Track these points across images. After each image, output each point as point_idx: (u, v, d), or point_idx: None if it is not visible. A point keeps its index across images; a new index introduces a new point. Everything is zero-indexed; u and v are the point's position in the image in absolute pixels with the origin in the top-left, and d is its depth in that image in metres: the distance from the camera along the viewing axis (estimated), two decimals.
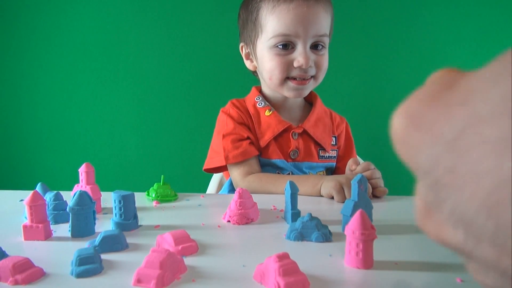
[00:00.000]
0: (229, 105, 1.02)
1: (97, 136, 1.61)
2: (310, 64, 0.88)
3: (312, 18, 0.87)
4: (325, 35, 0.90)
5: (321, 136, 0.97)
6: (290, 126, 0.95)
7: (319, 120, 0.99)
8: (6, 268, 0.46)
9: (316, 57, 0.90)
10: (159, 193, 0.79)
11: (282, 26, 0.88)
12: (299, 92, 0.93)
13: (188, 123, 1.58)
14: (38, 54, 1.57)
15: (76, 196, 0.60)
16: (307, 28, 0.87)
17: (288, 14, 0.87)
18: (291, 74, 0.90)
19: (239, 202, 0.66)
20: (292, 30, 0.87)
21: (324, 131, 0.98)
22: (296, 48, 0.89)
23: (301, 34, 0.87)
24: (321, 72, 0.92)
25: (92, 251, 0.50)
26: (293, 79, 0.91)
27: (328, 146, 0.98)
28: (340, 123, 1.03)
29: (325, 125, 1.00)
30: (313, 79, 0.93)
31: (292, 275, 0.43)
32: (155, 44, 1.53)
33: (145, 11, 1.52)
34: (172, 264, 0.47)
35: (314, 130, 0.96)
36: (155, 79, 1.55)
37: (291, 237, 0.59)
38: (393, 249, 0.55)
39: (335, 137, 1.02)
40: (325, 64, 0.93)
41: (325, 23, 0.89)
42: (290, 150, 0.95)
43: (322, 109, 1.02)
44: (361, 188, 0.62)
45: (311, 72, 0.91)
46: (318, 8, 0.87)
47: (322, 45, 0.90)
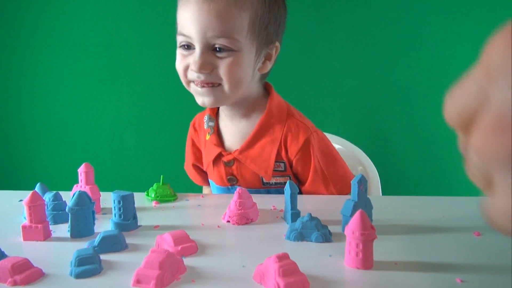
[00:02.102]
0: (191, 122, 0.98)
1: (97, 136, 1.61)
2: (204, 70, 0.76)
3: (206, 18, 0.73)
4: (227, 36, 0.74)
5: (258, 162, 0.82)
6: (221, 153, 0.85)
7: (262, 137, 0.83)
8: (5, 269, 0.46)
9: (218, 61, 0.76)
10: (159, 193, 0.79)
11: (180, 24, 0.78)
12: (203, 100, 0.80)
13: (188, 123, 1.57)
14: (38, 54, 1.57)
15: (75, 196, 0.60)
16: (198, 30, 0.74)
17: (184, 11, 0.76)
18: (190, 77, 0.79)
19: (239, 202, 0.66)
20: (186, 29, 0.76)
21: (263, 153, 0.82)
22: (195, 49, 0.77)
23: (193, 35, 0.75)
24: (230, 79, 0.76)
25: (91, 251, 0.49)
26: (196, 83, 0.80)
27: (267, 175, 0.82)
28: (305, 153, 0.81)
29: (268, 143, 0.82)
30: (220, 89, 0.78)
31: (292, 275, 0.43)
32: (155, 44, 1.53)
33: (145, 11, 1.51)
34: (171, 265, 0.46)
35: (249, 156, 0.82)
36: (155, 79, 1.55)
37: (291, 237, 0.59)
38: (393, 249, 0.55)
39: (283, 163, 0.83)
40: (234, 70, 0.76)
41: (228, 22, 0.73)
42: (227, 176, 0.86)
43: (270, 120, 0.83)
44: (361, 188, 0.62)
45: (212, 79, 0.77)
46: (215, 5, 0.72)
47: (226, 48, 0.75)
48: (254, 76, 0.82)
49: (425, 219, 0.67)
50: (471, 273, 0.48)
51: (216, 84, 0.78)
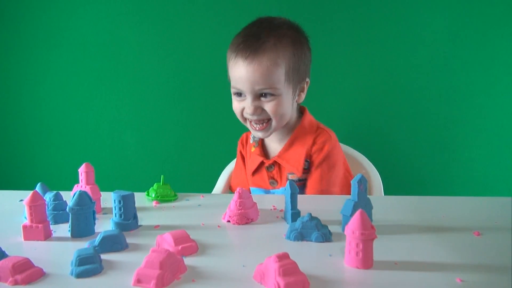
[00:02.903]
0: (240, 139, 1.17)
1: (97, 136, 1.61)
2: (256, 113, 0.96)
3: (250, 77, 0.93)
4: (270, 87, 0.94)
5: (292, 162, 1.01)
6: (262, 161, 1.04)
7: (295, 143, 1.02)
8: (5, 268, 0.46)
9: (266, 104, 0.96)
10: (159, 193, 0.79)
11: (233, 79, 0.98)
12: (259, 134, 1.01)
13: (188, 123, 1.57)
14: (38, 54, 1.57)
15: (76, 196, 0.60)
16: (246, 86, 0.94)
17: (232, 70, 0.97)
18: (246, 116, 0.99)
19: (239, 202, 0.66)
20: (238, 84, 0.96)
21: (295, 155, 1.01)
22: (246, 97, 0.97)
23: (243, 88, 0.96)
24: (276, 116, 0.97)
25: (92, 251, 0.49)
26: (251, 122, 1.00)
27: (298, 171, 1.00)
28: (320, 147, 1.01)
29: (300, 147, 1.01)
30: (269, 124, 0.99)
31: (292, 275, 0.43)
32: (155, 44, 1.53)
33: (145, 11, 1.51)
34: (172, 264, 0.46)
35: (285, 158, 1.02)
36: (155, 79, 1.55)
37: (291, 237, 0.59)
38: (393, 249, 0.55)
39: (308, 161, 1.01)
40: (278, 109, 0.96)
41: (267, 77, 0.93)
42: (268, 180, 1.05)
43: (303, 130, 1.03)
44: (361, 188, 0.62)
45: (264, 117, 0.97)
46: (256, 66, 0.93)
47: (270, 93, 0.95)
48: (293, 106, 1.03)
49: (425, 219, 0.67)
50: (471, 273, 0.48)
51: (266, 120, 0.99)
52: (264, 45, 0.94)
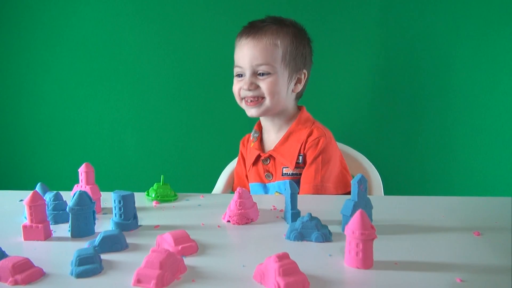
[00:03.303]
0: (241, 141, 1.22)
1: (97, 136, 1.61)
2: (250, 88, 1.05)
3: (249, 53, 1.05)
4: (264, 64, 1.04)
5: (286, 155, 1.06)
6: (259, 154, 1.11)
7: (290, 138, 1.08)
8: (5, 268, 0.46)
9: (261, 82, 1.06)
10: (159, 193, 0.79)
11: (236, 59, 1.10)
12: (251, 112, 1.09)
13: (188, 123, 1.57)
14: (38, 54, 1.57)
15: (75, 196, 0.60)
16: (245, 61, 1.06)
17: (238, 49, 1.09)
18: (242, 94, 1.09)
19: (239, 202, 0.66)
20: (240, 62, 1.08)
21: (290, 149, 1.06)
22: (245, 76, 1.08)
23: (243, 65, 1.07)
24: (270, 94, 1.05)
25: (92, 251, 0.49)
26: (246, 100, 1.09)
27: (291, 164, 1.05)
28: (315, 143, 1.05)
29: (294, 142, 1.07)
30: (263, 101, 1.07)
31: (292, 275, 0.43)
32: (155, 44, 1.53)
33: (145, 11, 1.51)
34: (172, 264, 0.46)
35: (280, 151, 1.08)
36: (155, 79, 1.55)
37: (291, 237, 0.59)
38: (393, 249, 0.55)
39: (302, 155, 1.05)
40: (272, 86, 1.05)
41: (265, 54, 1.04)
42: (264, 174, 1.10)
43: (299, 125, 1.09)
44: (361, 188, 0.62)
45: (257, 94, 1.06)
46: (256, 43, 1.05)
47: (265, 73, 1.05)
48: (289, 94, 1.09)
49: (425, 219, 0.67)
50: (471, 273, 0.48)
51: (260, 98, 1.07)
52: (266, 28, 1.07)
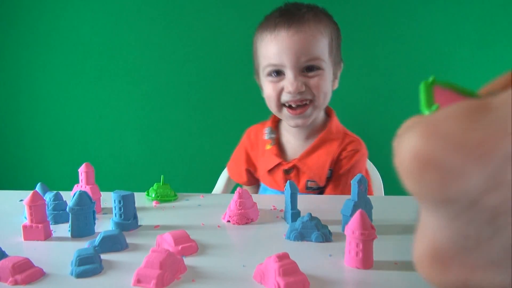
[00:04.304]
0: (247, 132, 1.09)
1: (97, 136, 1.61)
2: (300, 89, 0.87)
3: (295, 46, 0.86)
4: (315, 58, 0.88)
5: (314, 168, 0.93)
6: (281, 163, 0.96)
7: (319, 149, 0.95)
8: (5, 268, 0.46)
9: (309, 80, 0.88)
10: (159, 193, 0.79)
11: (269, 56, 0.90)
12: (297, 122, 0.92)
13: (188, 123, 1.57)
14: (38, 54, 1.57)
15: (75, 196, 0.60)
16: (291, 56, 0.87)
17: (271, 44, 0.89)
18: (284, 99, 0.90)
19: (239, 202, 0.66)
20: (277, 59, 0.88)
21: (319, 162, 0.94)
22: (286, 74, 0.89)
23: (286, 62, 0.88)
24: (319, 94, 0.89)
25: (92, 251, 0.49)
26: (289, 107, 0.91)
27: (320, 180, 0.93)
28: (349, 155, 0.94)
29: (324, 154, 0.94)
30: (311, 106, 0.91)
31: (292, 275, 0.43)
32: (155, 44, 1.53)
33: (145, 11, 1.51)
34: (172, 264, 0.47)
35: (307, 163, 0.94)
36: (155, 79, 1.55)
37: (291, 237, 0.59)
38: (393, 249, 0.55)
39: (331, 170, 0.95)
40: (322, 85, 0.89)
41: (313, 47, 0.87)
42: (284, 183, 0.95)
43: (330, 135, 0.96)
44: (361, 188, 0.62)
45: (305, 96, 0.89)
46: (302, 34, 0.87)
47: (317, 67, 0.89)
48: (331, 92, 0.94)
49: None
50: None
51: (307, 101, 0.90)
52: (307, 15, 0.89)
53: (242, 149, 1.10)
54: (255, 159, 1.06)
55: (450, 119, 0.15)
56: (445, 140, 0.15)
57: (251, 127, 1.10)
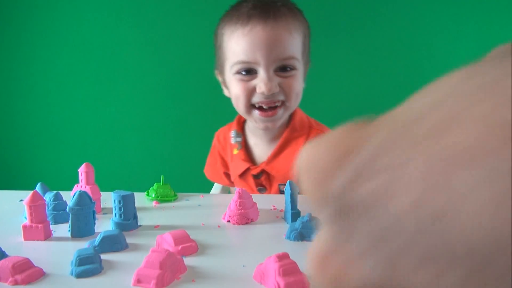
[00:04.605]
0: (216, 135, 1.04)
1: (97, 136, 1.61)
2: (273, 90, 0.81)
3: (271, 42, 0.79)
4: (291, 57, 0.81)
5: (283, 171, 0.88)
6: (249, 168, 0.91)
7: (286, 149, 0.89)
8: (5, 268, 0.46)
9: (283, 80, 0.82)
10: (159, 193, 0.79)
11: (241, 52, 0.81)
12: (267, 124, 0.86)
13: (188, 123, 1.58)
14: (38, 54, 1.57)
15: (75, 196, 0.60)
16: (266, 53, 0.79)
17: (244, 39, 0.80)
18: (255, 99, 0.84)
19: (239, 202, 0.66)
20: (250, 56, 0.80)
21: (287, 164, 0.88)
22: (258, 73, 0.82)
23: (260, 60, 0.80)
24: (291, 96, 0.83)
25: (92, 251, 0.49)
26: (260, 108, 0.84)
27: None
28: None
29: (291, 154, 0.89)
30: (283, 107, 0.85)
31: (292, 275, 0.43)
32: (155, 44, 1.53)
33: (145, 11, 1.52)
34: (172, 264, 0.46)
35: (275, 167, 0.89)
36: (155, 79, 1.55)
37: (291, 237, 0.59)
38: None
39: None
40: (296, 86, 0.84)
41: (289, 45, 0.81)
42: (257, 187, 0.92)
43: (294, 131, 0.90)
44: None
45: (278, 97, 0.83)
46: (279, 30, 0.79)
47: (290, 67, 0.82)
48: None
49: None
50: None
51: (279, 103, 0.83)
52: (282, 9, 0.81)
53: (215, 153, 1.05)
54: (229, 162, 1.02)
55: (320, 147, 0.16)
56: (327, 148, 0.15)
57: (219, 130, 1.04)
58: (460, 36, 1.43)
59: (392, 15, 1.44)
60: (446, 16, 1.43)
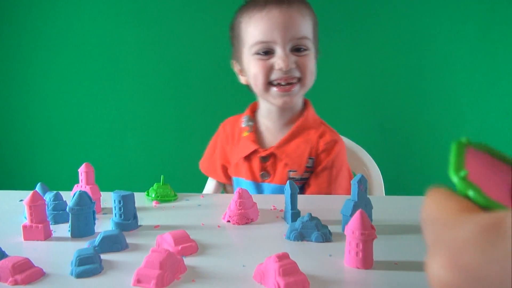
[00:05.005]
0: (221, 125, 1.09)
1: (97, 136, 1.61)
2: (291, 66, 0.88)
3: (286, 22, 0.88)
4: (305, 37, 0.90)
5: (293, 156, 0.93)
6: (257, 150, 0.95)
7: (297, 137, 0.95)
8: (5, 268, 0.46)
9: (298, 58, 0.90)
10: (159, 193, 0.79)
11: (259, 34, 0.89)
12: (285, 99, 0.92)
13: (188, 123, 1.57)
14: (38, 54, 1.57)
15: (75, 196, 0.60)
16: (283, 33, 0.88)
17: (262, 22, 0.89)
18: (274, 76, 0.90)
19: (239, 202, 0.66)
20: (268, 36, 0.88)
21: (297, 150, 0.94)
22: (275, 52, 0.90)
23: (277, 39, 0.88)
24: (307, 73, 0.91)
25: (92, 251, 0.49)
26: (278, 85, 0.91)
27: (300, 168, 0.93)
28: (329, 147, 0.95)
29: (303, 142, 0.94)
30: (299, 84, 0.92)
31: (292, 275, 0.43)
32: (155, 44, 1.53)
33: (145, 11, 1.52)
34: (172, 264, 0.46)
35: (286, 151, 0.94)
36: (155, 79, 1.55)
37: (291, 237, 0.59)
38: (393, 249, 0.55)
39: (313, 159, 0.95)
40: (310, 65, 0.91)
41: (302, 26, 0.90)
42: (259, 172, 0.95)
43: (307, 123, 0.97)
44: (361, 188, 0.62)
45: (294, 74, 0.90)
46: (292, 12, 0.89)
47: (304, 47, 0.90)
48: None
49: None
50: None
51: (296, 79, 0.91)
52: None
53: (215, 144, 1.09)
54: (230, 153, 1.03)
55: (468, 247, 0.19)
56: (465, 274, 0.19)
57: (226, 120, 1.09)
58: (460, 36, 1.43)
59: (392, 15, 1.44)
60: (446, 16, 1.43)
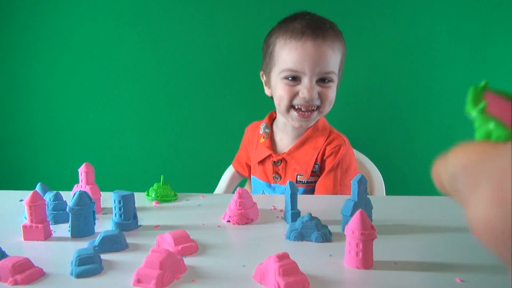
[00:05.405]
0: (246, 129, 1.20)
1: (97, 136, 1.61)
2: (314, 96, 0.96)
3: (318, 57, 0.94)
4: (331, 72, 0.97)
5: (301, 162, 1.02)
6: (270, 155, 1.06)
7: (307, 144, 1.04)
8: (5, 268, 0.46)
9: (322, 89, 0.98)
10: (159, 193, 0.79)
11: (291, 62, 0.96)
12: (301, 123, 1.02)
13: (188, 123, 1.57)
14: (38, 54, 1.57)
15: (75, 196, 0.60)
16: (312, 66, 0.95)
17: (296, 52, 0.96)
18: (296, 102, 0.99)
19: (239, 202, 0.66)
20: (299, 66, 0.95)
21: (305, 156, 1.02)
22: (302, 81, 0.97)
23: (306, 71, 0.95)
24: (326, 103, 0.99)
25: (92, 251, 0.49)
26: (298, 110, 0.99)
27: (306, 172, 1.01)
28: (335, 151, 1.02)
29: (311, 149, 1.03)
30: (317, 111, 1.00)
31: (292, 275, 0.43)
32: (155, 44, 1.53)
33: (145, 11, 1.51)
34: (172, 264, 0.46)
35: (294, 157, 1.03)
36: (155, 79, 1.55)
37: (291, 237, 0.59)
38: (393, 249, 0.55)
39: (318, 164, 1.02)
40: (331, 95, 0.99)
41: (331, 61, 0.96)
42: (272, 174, 1.07)
43: (316, 131, 1.05)
44: (361, 188, 0.62)
45: (315, 102, 0.98)
46: (325, 48, 0.95)
47: (329, 79, 0.98)
48: None
49: (425, 219, 0.67)
50: (471, 273, 0.48)
51: (315, 107, 1.00)
52: (329, 31, 0.98)
53: (242, 146, 1.22)
54: (251, 155, 1.16)
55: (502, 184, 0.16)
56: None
57: (250, 124, 1.20)
58: (460, 36, 1.43)
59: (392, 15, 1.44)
60: (446, 16, 1.43)
